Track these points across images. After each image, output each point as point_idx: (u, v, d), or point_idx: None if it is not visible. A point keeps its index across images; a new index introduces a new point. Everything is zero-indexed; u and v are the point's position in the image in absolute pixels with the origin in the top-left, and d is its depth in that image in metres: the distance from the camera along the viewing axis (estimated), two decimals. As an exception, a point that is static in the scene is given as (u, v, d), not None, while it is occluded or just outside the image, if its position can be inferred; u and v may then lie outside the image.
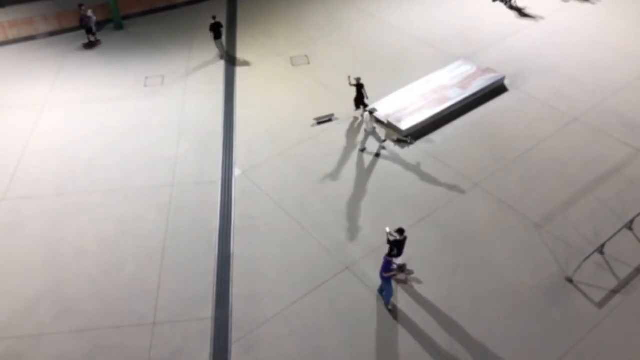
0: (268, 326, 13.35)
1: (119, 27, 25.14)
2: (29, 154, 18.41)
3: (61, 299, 14.04)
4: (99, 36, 24.60)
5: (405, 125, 18.76)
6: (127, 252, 15.22)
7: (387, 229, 13.90)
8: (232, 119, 19.81)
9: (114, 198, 16.81)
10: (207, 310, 13.72)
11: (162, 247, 15.29)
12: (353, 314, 13.59)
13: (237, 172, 17.65)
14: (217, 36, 22.83)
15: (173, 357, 12.75)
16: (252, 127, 19.42)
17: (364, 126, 18.58)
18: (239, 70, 22.40)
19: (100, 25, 25.40)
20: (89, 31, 24.09)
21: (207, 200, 16.70)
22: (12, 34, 24.32)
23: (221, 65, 22.69)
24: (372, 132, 18.10)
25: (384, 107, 19.70)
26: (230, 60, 23.02)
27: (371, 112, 17.68)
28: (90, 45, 24.18)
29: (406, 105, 19.79)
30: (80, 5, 23.92)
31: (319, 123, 18.30)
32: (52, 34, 24.78)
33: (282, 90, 21.30)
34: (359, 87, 19.22)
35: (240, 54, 23.44)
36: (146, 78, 21.98)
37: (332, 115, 19.03)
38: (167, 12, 26.80)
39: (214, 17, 22.58)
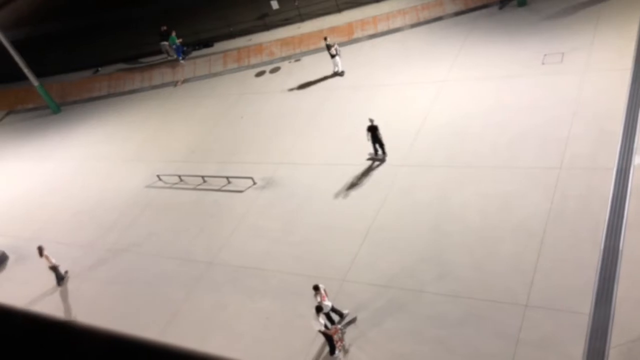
0: (657, 339, 11.75)
1: (522, 3, 24.83)
2: (427, 127, 20.06)
3: (442, 263, 15.13)
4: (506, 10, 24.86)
5: None
6: (507, 229, 15.32)
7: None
8: (639, 101, 17.62)
9: (500, 174, 17.03)
10: (585, 305, 12.83)
11: (543, 230, 14.86)
12: None
13: (638, 160, 15.72)
14: None
15: (542, 344, 12.44)
16: (663, 111, 16.95)
17: None
18: (655, 45, 19.63)
19: (505, 2, 25.52)
20: None
21: (597, 188, 15.42)
22: (423, 16, 26.66)
23: (632, 40, 20.22)
24: None
25: None
26: (644, 34, 20.32)
27: None
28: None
29: None
30: None
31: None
32: (457, 13, 26.17)
33: None
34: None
35: (658, 27, 20.45)
36: (544, 55, 21.23)
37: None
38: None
39: None
